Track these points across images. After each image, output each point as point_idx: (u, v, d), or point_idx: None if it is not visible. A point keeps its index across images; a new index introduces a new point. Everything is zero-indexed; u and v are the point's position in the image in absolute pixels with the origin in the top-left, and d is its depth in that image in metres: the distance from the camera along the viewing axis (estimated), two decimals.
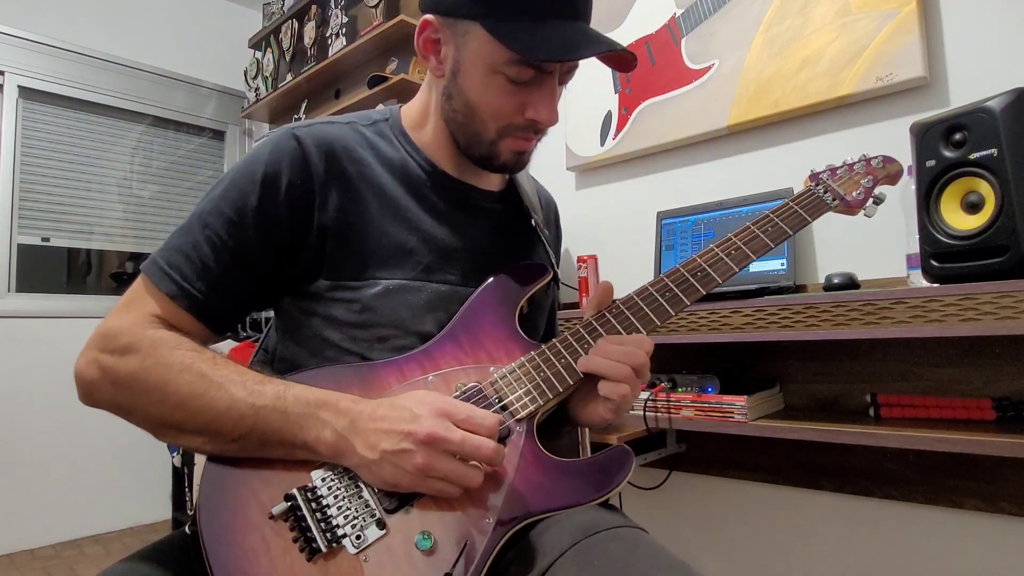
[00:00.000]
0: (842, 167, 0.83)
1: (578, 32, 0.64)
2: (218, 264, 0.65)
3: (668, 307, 0.68)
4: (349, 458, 0.57)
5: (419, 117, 0.77)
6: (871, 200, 0.80)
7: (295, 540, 0.55)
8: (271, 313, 0.77)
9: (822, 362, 1.46)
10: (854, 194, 0.79)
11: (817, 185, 0.80)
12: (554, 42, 0.62)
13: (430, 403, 0.57)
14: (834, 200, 0.78)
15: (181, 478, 2.53)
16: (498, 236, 0.79)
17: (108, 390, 0.61)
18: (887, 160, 0.82)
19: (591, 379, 0.65)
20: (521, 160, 0.73)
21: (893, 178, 0.82)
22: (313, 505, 0.56)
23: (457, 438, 0.55)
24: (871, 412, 1.33)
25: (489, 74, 0.66)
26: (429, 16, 0.68)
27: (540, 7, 0.63)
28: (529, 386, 0.65)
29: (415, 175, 0.74)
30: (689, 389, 1.41)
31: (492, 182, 0.81)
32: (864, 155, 0.84)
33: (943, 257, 1.10)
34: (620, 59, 0.68)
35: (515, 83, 0.66)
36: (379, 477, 0.56)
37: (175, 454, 2.53)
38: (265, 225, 0.66)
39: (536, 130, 0.70)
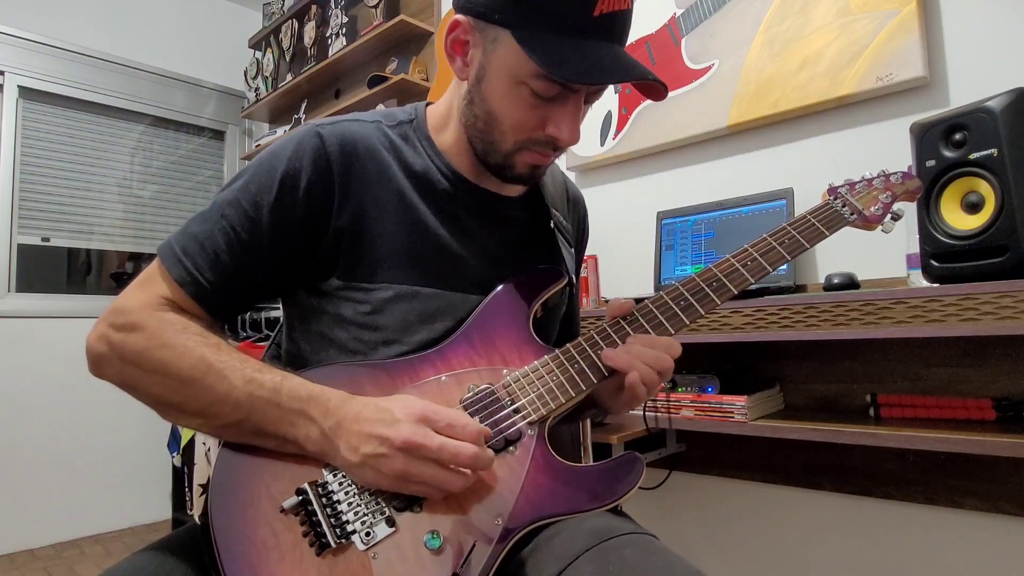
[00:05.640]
0: (861, 182, 0.82)
1: (610, 55, 0.62)
2: (230, 256, 0.66)
3: (683, 316, 0.68)
4: (334, 458, 0.58)
5: (443, 118, 0.76)
6: (889, 216, 0.79)
7: (305, 534, 0.55)
8: (273, 314, 0.78)
9: (822, 362, 1.46)
10: (872, 209, 0.78)
11: (835, 199, 0.79)
12: (584, 62, 0.61)
13: (412, 408, 0.57)
14: (852, 215, 0.77)
15: (181, 478, 2.52)
16: (517, 245, 0.78)
17: (116, 365, 0.62)
18: (906, 176, 0.81)
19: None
20: (536, 174, 0.72)
21: (912, 194, 0.82)
22: (324, 500, 0.57)
23: (435, 444, 0.54)
24: (871, 412, 1.33)
25: (514, 85, 0.64)
26: (460, 16, 0.66)
27: (576, 25, 0.61)
28: (542, 390, 0.65)
29: (436, 183, 0.73)
30: (689, 389, 1.41)
31: (515, 187, 0.80)
32: (883, 171, 0.83)
33: (943, 257, 1.10)
34: (649, 87, 0.66)
35: (539, 97, 0.64)
36: (361, 479, 0.57)
37: (175, 454, 2.53)
38: (280, 223, 0.66)
39: (555, 147, 0.69)
